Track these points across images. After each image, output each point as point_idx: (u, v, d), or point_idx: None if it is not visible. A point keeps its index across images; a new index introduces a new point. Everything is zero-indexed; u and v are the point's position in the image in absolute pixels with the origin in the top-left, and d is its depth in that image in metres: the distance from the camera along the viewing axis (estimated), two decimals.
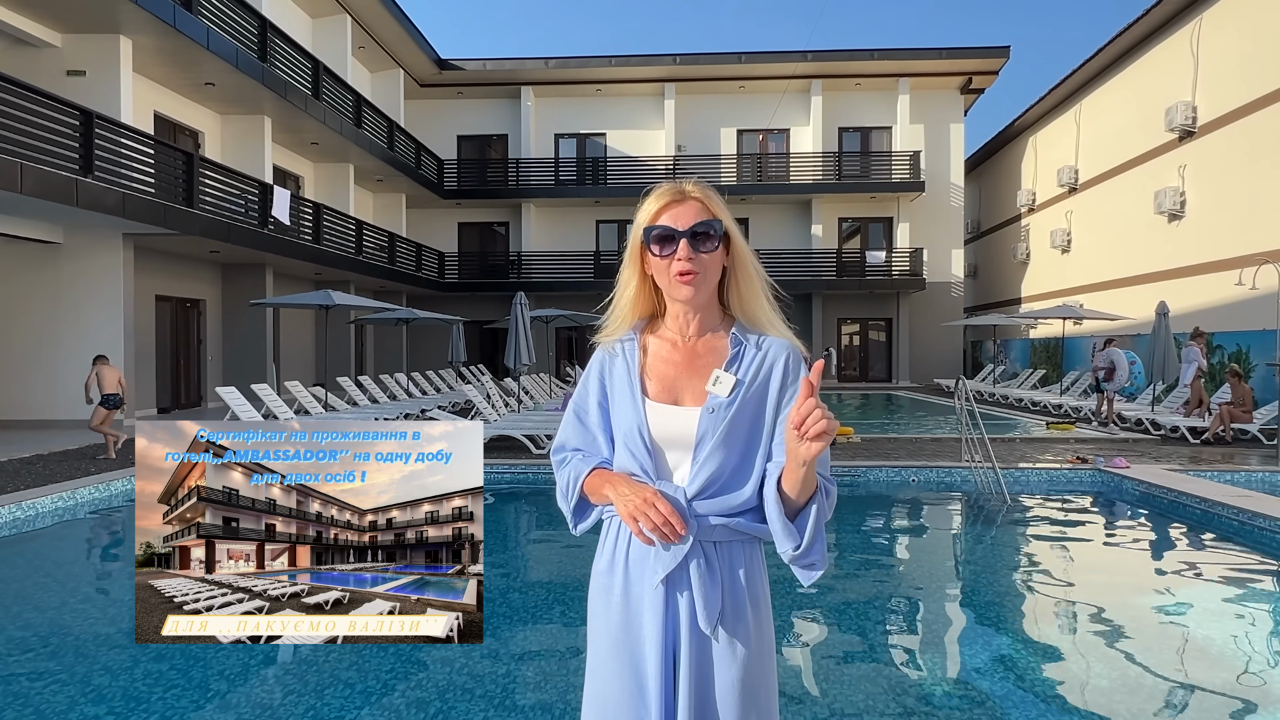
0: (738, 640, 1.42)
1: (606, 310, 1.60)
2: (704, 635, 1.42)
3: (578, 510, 1.54)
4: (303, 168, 20.22)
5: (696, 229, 1.44)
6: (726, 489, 1.45)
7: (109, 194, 10.76)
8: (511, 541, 6.35)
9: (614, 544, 1.49)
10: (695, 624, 1.42)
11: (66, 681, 3.37)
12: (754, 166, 25.72)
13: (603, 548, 1.52)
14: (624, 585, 1.46)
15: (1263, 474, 8.05)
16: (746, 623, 1.44)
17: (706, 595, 1.41)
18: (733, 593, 1.44)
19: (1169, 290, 16.75)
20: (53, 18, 12.04)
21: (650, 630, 1.42)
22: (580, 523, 1.55)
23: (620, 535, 1.48)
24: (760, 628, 1.47)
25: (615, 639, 1.45)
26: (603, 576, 1.49)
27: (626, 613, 1.45)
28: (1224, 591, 4.93)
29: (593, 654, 1.50)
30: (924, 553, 6.05)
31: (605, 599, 1.48)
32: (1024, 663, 3.68)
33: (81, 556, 5.95)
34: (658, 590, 1.42)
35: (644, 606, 1.43)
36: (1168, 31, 18.28)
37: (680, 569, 1.41)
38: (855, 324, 26.48)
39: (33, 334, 12.48)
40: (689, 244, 1.43)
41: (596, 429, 1.56)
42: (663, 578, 1.41)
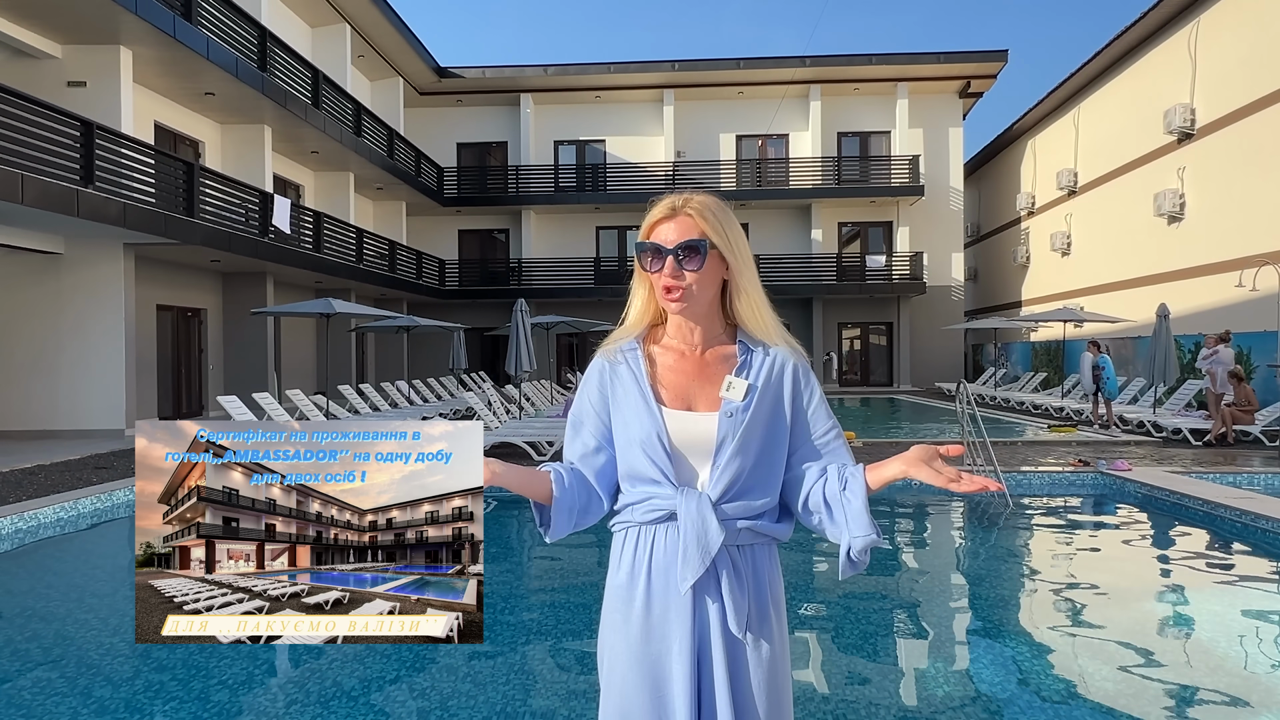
0: (764, 641, 1.44)
1: (618, 315, 1.63)
2: (734, 639, 1.42)
3: (541, 519, 1.52)
4: (303, 176, 20.28)
5: (681, 247, 1.45)
6: (747, 492, 1.46)
7: (110, 204, 10.79)
8: (514, 550, 6.34)
9: (633, 555, 1.47)
10: (725, 628, 1.42)
11: (68, 693, 3.37)
12: (753, 172, 25.77)
13: (619, 562, 1.50)
14: (646, 595, 1.44)
15: (1265, 476, 8.03)
16: (770, 624, 1.45)
17: (735, 598, 1.42)
18: (757, 595, 1.45)
19: (1169, 292, 16.74)
20: (53, 29, 12.09)
21: (677, 638, 1.41)
22: (545, 529, 1.52)
23: (640, 545, 1.47)
24: (781, 629, 1.49)
25: (636, 652, 1.44)
26: (622, 590, 1.47)
27: (648, 623, 1.44)
28: (1226, 593, 4.92)
29: (610, 669, 1.48)
30: (926, 556, 6.04)
31: (625, 611, 1.46)
32: (1027, 665, 3.67)
33: (83, 567, 5.95)
34: (684, 597, 1.41)
35: (669, 615, 1.42)
36: (1166, 34, 18.32)
37: (708, 574, 1.42)
38: (856, 328, 26.49)
39: (34, 344, 12.50)
40: (674, 261, 1.45)
41: (591, 437, 1.55)
42: (691, 584, 1.40)
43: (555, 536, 1.52)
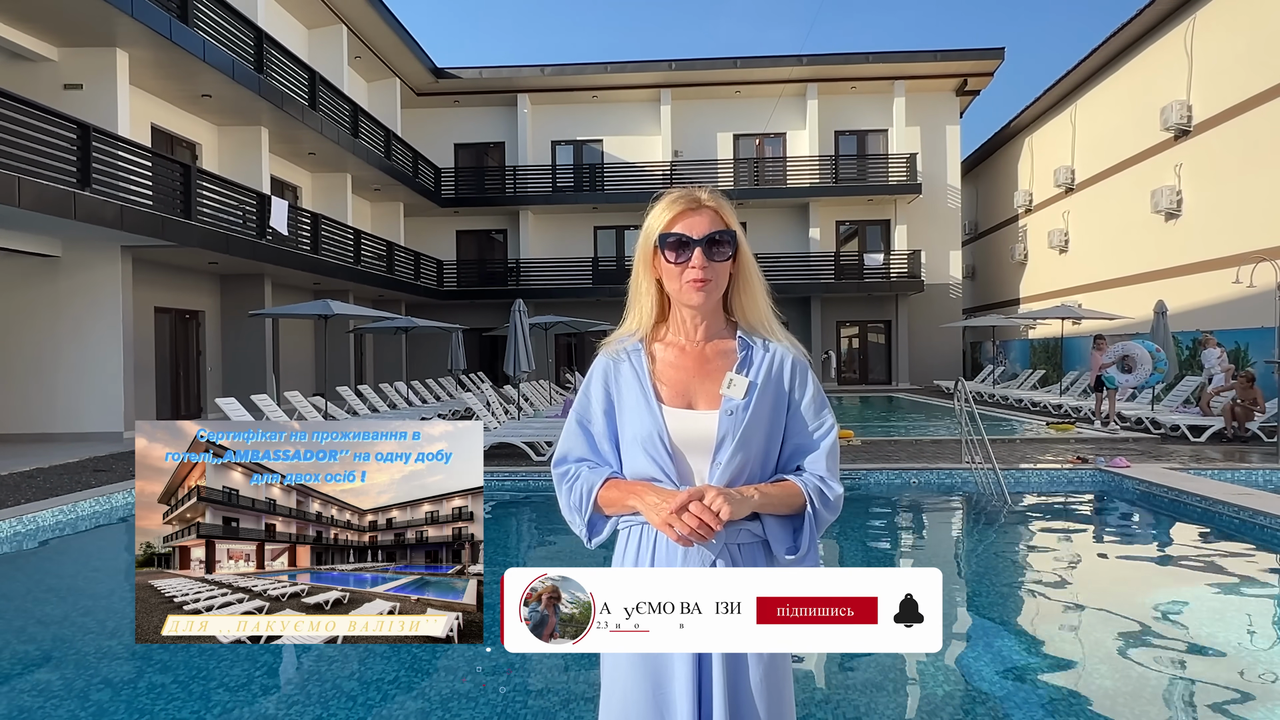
0: None
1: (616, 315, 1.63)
2: None
3: (591, 524, 1.51)
4: (300, 178, 20.26)
5: (712, 238, 1.47)
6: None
7: (107, 207, 10.77)
8: (512, 549, 6.34)
9: (635, 554, 1.47)
10: None
11: (66, 695, 3.37)
12: (751, 171, 25.77)
13: (621, 560, 1.50)
14: None
15: (1264, 472, 8.04)
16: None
17: None
18: None
19: (1167, 289, 16.77)
20: (49, 32, 12.07)
21: None
22: (595, 537, 1.52)
23: (643, 544, 1.46)
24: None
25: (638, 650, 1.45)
26: None
27: None
28: (1225, 590, 4.93)
29: (611, 668, 1.48)
30: (925, 554, 6.04)
31: None
32: (1026, 662, 3.68)
33: (82, 569, 5.94)
34: None
35: None
36: (1162, 31, 18.35)
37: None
38: (854, 327, 26.50)
39: (32, 347, 12.48)
40: (703, 253, 1.46)
41: (602, 437, 1.55)
42: None
43: (602, 540, 1.54)
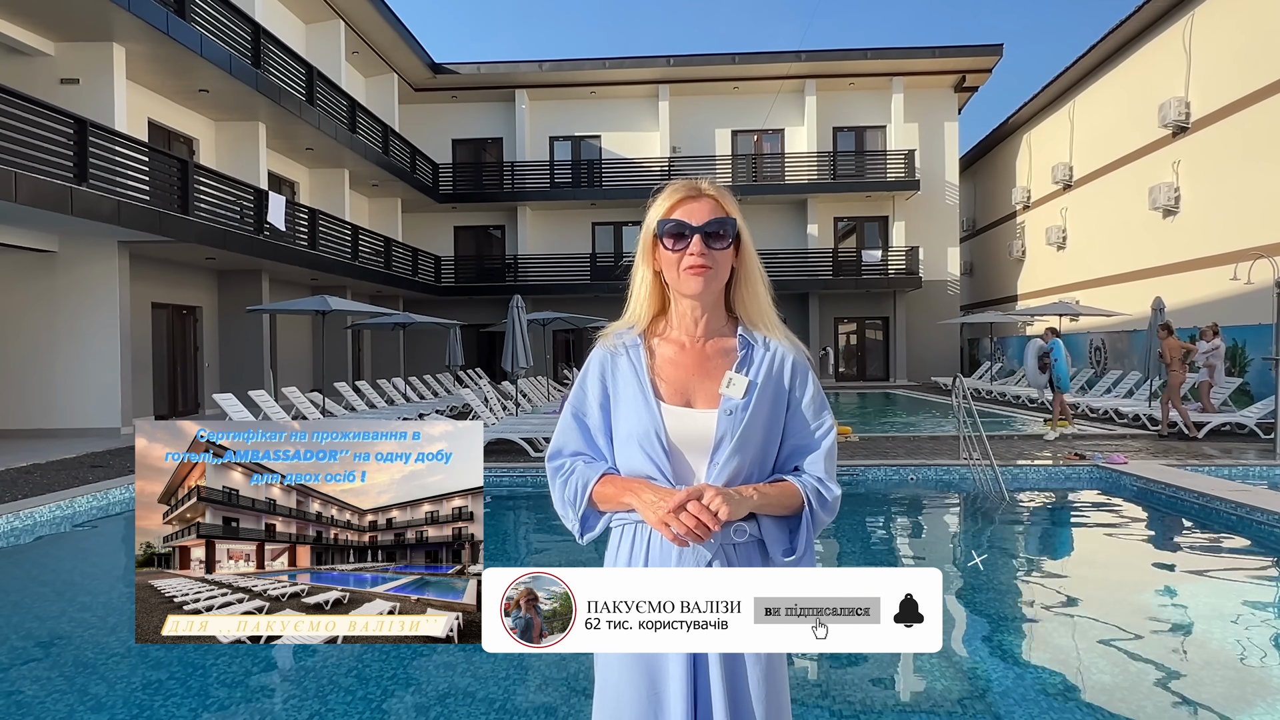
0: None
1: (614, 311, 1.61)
2: None
3: (585, 519, 1.49)
4: (298, 173, 20.21)
5: (710, 225, 1.46)
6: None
7: (104, 202, 10.74)
8: (510, 546, 6.34)
9: (629, 551, 1.45)
10: None
11: (65, 690, 3.37)
12: (749, 167, 25.74)
13: (615, 557, 1.48)
14: None
15: (1260, 468, 8.07)
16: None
17: None
18: None
19: (1165, 286, 16.78)
20: (46, 26, 12.02)
21: None
22: (587, 532, 1.50)
23: (636, 542, 1.45)
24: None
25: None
26: None
27: None
28: (1222, 585, 4.94)
29: (605, 667, 1.46)
30: (923, 551, 6.05)
31: None
32: (1024, 658, 3.69)
33: (80, 565, 5.94)
34: None
35: None
36: (1160, 27, 18.34)
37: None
38: (852, 323, 26.51)
39: (29, 343, 12.45)
40: (702, 240, 1.45)
41: (598, 431, 1.53)
42: None
43: (594, 536, 1.52)
